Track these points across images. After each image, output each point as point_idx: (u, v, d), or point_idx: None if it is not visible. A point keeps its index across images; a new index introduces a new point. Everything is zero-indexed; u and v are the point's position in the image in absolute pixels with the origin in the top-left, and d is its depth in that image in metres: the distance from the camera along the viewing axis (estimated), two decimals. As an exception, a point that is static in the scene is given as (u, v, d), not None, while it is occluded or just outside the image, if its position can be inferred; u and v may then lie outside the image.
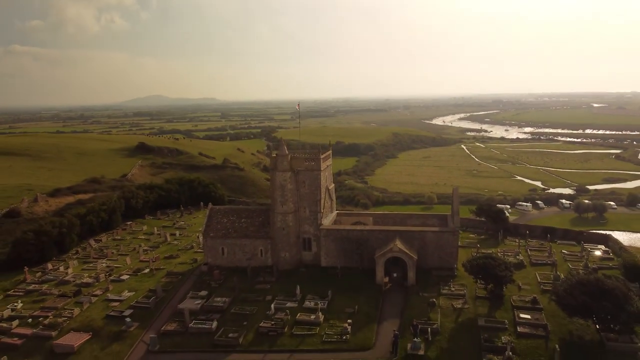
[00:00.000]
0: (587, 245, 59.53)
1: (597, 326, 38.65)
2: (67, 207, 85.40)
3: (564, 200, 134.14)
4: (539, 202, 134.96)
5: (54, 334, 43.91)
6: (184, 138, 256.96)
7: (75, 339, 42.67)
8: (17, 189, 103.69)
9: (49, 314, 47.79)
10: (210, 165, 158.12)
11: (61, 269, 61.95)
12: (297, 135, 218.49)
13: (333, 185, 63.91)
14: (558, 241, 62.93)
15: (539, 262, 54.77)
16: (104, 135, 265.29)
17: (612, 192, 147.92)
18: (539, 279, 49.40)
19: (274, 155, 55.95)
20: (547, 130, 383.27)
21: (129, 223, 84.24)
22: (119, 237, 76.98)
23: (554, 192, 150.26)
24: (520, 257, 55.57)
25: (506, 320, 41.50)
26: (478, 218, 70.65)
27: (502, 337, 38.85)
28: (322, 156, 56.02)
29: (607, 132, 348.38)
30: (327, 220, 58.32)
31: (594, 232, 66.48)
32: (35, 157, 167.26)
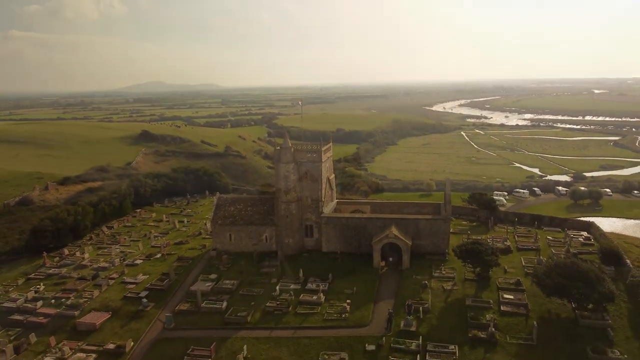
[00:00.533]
0: (570, 232, 63.05)
1: (573, 305, 42.35)
2: (77, 195, 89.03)
3: (560, 187, 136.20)
4: (535, 189, 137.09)
5: (76, 313, 47.85)
6: (185, 125, 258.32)
7: (96, 318, 46.63)
8: (28, 177, 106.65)
9: (70, 296, 51.73)
10: (212, 153, 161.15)
11: (77, 254, 65.74)
12: (298, 122, 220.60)
13: (333, 175, 67.21)
14: (544, 228, 66.40)
15: (525, 247, 58.42)
16: (108, 123, 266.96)
17: (609, 179, 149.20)
18: (523, 263, 53.08)
19: (278, 147, 59.27)
20: (546, 116, 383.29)
21: (138, 210, 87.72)
22: (129, 224, 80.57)
23: (551, 179, 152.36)
24: (508, 243, 59.12)
25: (491, 300, 45.31)
26: (470, 206, 73.97)
27: (487, 315, 42.75)
28: (323, 148, 59.19)
29: (607, 118, 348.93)
30: (328, 209, 61.85)
31: (578, 220, 69.93)
32: (41, 145, 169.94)
